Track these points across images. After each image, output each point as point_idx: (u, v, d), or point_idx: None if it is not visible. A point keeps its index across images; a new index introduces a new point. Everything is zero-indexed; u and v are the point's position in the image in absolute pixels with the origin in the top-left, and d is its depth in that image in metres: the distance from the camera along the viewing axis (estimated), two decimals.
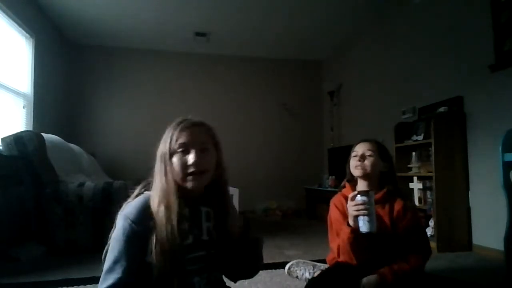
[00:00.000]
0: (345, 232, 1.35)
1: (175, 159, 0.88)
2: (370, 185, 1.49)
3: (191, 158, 0.87)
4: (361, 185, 1.52)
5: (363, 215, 1.27)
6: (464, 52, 2.71)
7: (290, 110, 5.33)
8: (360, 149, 1.51)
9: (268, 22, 4.18)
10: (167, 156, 0.89)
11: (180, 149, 0.88)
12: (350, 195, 1.33)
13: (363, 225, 1.28)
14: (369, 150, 1.49)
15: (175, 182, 0.88)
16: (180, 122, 0.92)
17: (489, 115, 2.49)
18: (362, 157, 1.48)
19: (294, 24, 4.23)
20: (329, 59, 5.32)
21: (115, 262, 0.83)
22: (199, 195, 0.94)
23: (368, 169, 1.46)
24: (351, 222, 1.34)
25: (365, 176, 1.48)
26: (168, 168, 0.89)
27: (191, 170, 0.87)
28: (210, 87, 5.12)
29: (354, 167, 1.49)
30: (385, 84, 3.79)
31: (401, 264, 1.37)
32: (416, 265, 1.38)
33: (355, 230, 1.32)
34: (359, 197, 1.29)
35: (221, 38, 4.66)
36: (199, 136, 0.91)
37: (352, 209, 1.30)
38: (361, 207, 1.27)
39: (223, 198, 0.96)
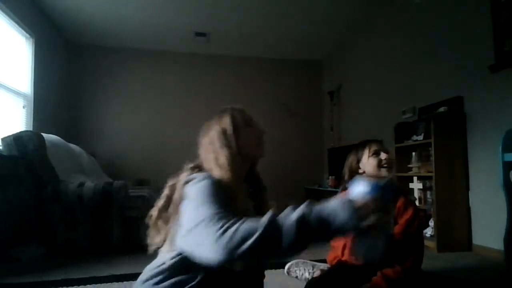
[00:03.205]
0: None
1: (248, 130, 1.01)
2: None
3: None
4: None
5: None
6: (464, 52, 2.71)
7: (290, 110, 5.33)
8: (380, 149, 1.50)
9: (268, 22, 4.18)
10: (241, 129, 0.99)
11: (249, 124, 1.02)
12: None
13: None
14: (387, 150, 1.51)
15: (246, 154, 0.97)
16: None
17: (489, 115, 2.49)
18: (388, 157, 1.47)
19: (294, 24, 4.23)
20: (329, 59, 5.32)
21: (220, 207, 0.75)
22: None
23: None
24: None
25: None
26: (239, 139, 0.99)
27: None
28: (210, 87, 5.12)
29: (382, 166, 1.47)
30: (385, 84, 3.79)
31: (396, 268, 1.36)
32: (410, 265, 1.37)
33: None
34: None
35: (221, 38, 4.66)
36: None
37: None
38: None
39: (257, 176, 1.11)
